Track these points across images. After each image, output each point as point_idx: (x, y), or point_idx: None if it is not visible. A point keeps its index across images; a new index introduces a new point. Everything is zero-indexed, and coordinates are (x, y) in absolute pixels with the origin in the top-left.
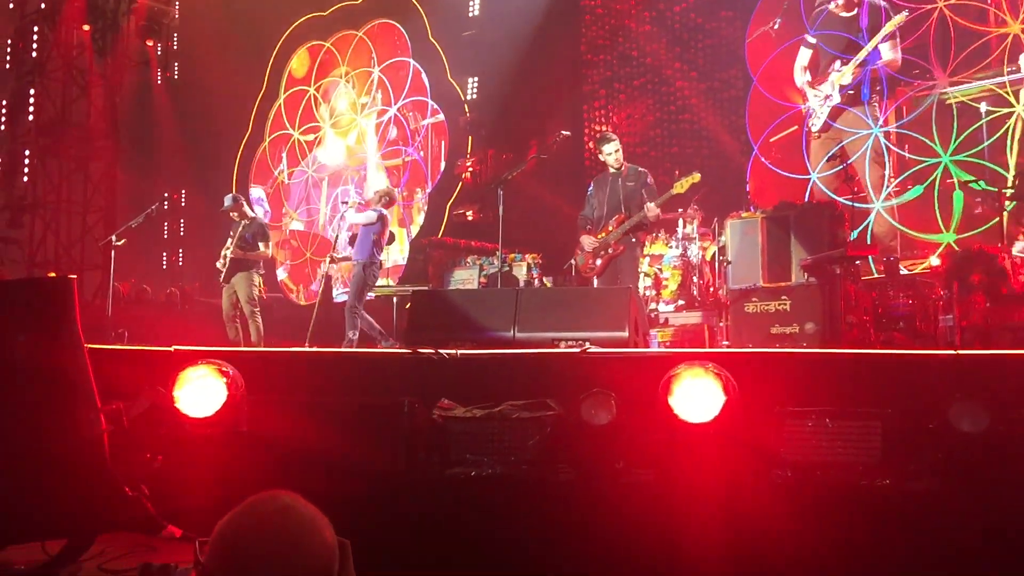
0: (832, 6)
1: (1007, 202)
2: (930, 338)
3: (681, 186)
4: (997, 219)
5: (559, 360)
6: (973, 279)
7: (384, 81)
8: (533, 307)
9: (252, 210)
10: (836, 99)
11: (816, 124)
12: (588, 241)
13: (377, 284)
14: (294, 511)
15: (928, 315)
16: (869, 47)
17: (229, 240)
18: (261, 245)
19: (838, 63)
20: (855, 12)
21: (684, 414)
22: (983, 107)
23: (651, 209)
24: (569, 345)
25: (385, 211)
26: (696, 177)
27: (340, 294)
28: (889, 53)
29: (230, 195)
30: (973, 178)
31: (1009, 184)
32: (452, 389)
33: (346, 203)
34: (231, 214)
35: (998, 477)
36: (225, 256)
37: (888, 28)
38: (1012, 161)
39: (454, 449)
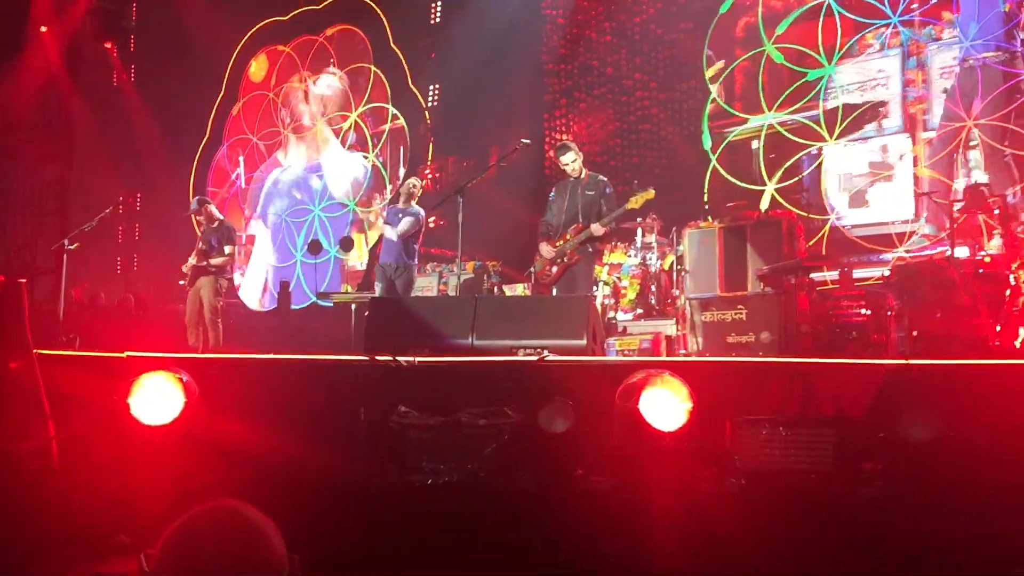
0: None
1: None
2: (883, 348)
3: (635, 201)
4: (947, 232)
5: (517, 368)
6: (923, 290)
7: (344, 86)
8: (492, 315)
9: (218, 213)
10: None
11: None
12: (546, 249)
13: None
14: (243, 519)
15: (881, 325)
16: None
17: (199, 244)
18: (227, 248)
19: None
20: None
21: (654, 422)
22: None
23: (596, 228)
24: (527, 353)
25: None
26: (651, 193)
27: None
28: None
29: (196, 198)
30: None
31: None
32: (410, 396)
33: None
34: (197, 217)
35: (947, 485)
36: (191, 261)
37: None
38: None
39: (411, 456)
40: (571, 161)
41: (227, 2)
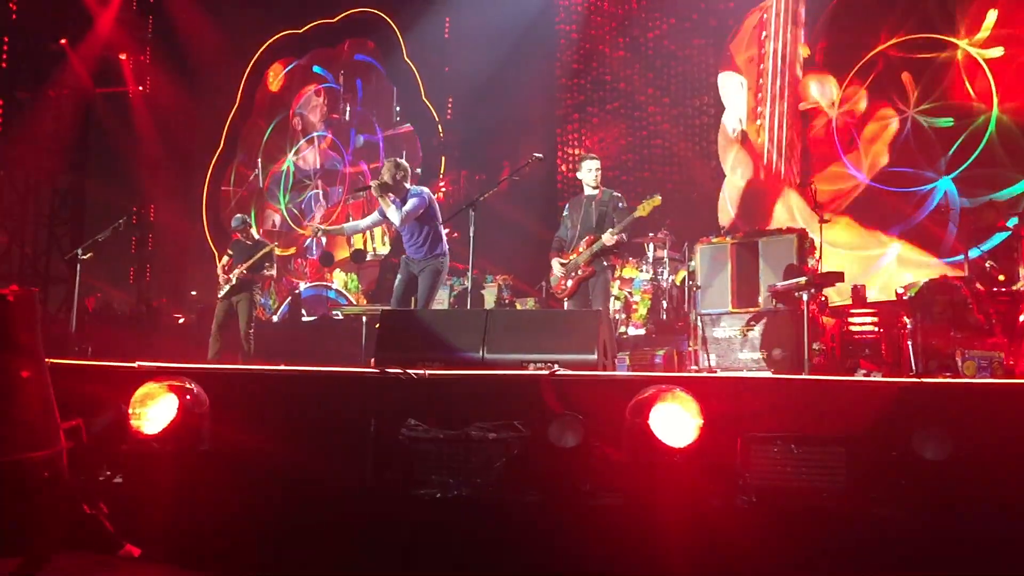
0: None
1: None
2: (895, 365)
3: (643, 208)
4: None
5: (527, 382)
6: (937, 308)
7: (356, 95)
8: (503, 328)
9: (257, 234)
10: None
11: None
12: (556, 265)
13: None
14: None
15: (893, 342)
16: None
17: (226, 257)
18: (266, 268)
19: None
20: None
21: (665, 438)
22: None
23: (607, 237)
24: (538, 367)
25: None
26: (657, 200)
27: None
28: None
29: (239, 216)
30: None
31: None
32: (420, 409)
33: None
34: (238, 235)
35: (959, 504)
36: (228, 271)
37: None
38: None
39: (420, 470)
40: (593, 168)
41: (243, 15)
